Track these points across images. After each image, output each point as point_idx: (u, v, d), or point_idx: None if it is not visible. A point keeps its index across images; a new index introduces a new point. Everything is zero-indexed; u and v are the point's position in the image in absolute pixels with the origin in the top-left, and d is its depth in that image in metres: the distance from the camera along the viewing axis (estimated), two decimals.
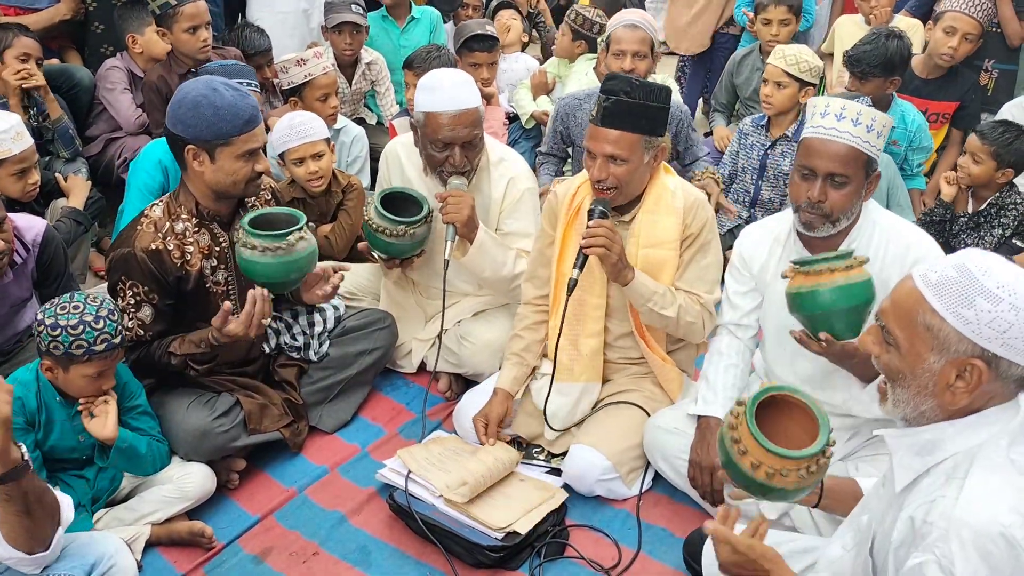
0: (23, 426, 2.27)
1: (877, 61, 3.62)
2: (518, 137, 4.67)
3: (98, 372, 2.26)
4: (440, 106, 2.73)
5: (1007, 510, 1.39)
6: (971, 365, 1.45)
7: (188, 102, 2.38)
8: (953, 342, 1.45)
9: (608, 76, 2.46)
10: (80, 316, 2.19)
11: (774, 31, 4.43)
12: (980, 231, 3.53)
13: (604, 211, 2.47)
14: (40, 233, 2.71)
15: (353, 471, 2.74)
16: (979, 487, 1.43)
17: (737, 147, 3.99)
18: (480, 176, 2.94)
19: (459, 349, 3.01)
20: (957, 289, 1.45)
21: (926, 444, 1.52)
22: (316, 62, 3.71)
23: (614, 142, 2.42)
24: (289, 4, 4.76)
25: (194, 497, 2.49)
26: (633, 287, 2.49)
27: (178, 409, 2.55)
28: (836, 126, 2.19)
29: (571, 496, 2.56)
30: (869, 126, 2.18)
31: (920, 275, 1.50)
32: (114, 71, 3.94)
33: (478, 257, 2.84)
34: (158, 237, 2.46)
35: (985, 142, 3.40)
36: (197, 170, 2.44)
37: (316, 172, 3.30)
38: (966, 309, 1.43)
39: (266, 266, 2.37)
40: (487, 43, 4.13)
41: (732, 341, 2.55)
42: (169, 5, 3.71)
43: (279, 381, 2.82)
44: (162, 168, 3.11)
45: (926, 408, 1.53)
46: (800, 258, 2.13)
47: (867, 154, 2.20)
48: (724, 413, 2.46)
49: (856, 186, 2.22)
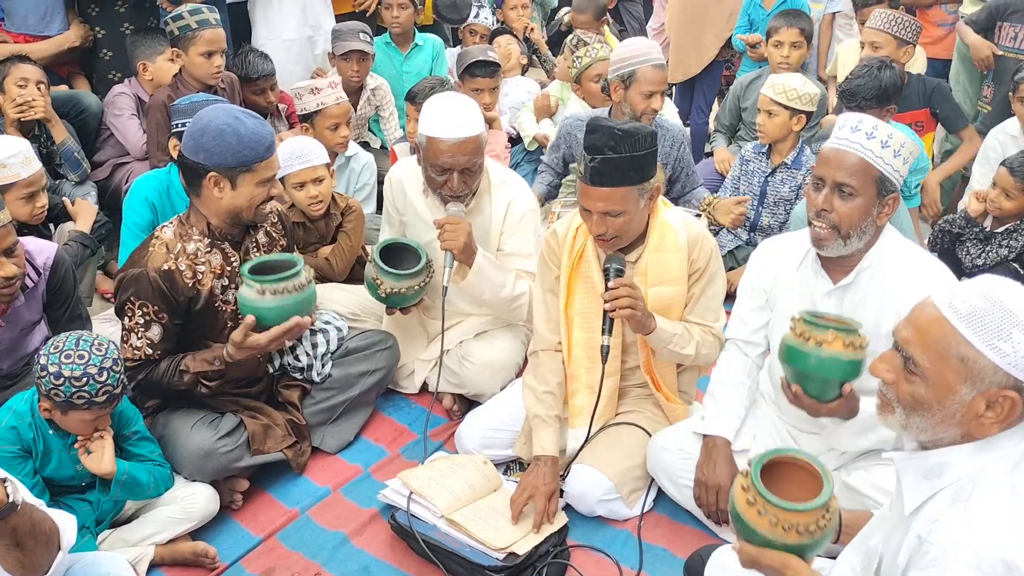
0: (19, 454, 2.27)
1: (872, 93, 3.67)
2: (520, 160, 4.71)
3: (96, 417, 2.26)
4: (442, 132, 2.76)
5: (1008, 534, 1.39)
6: (1004, 396, 1.44)
7: (212, 130, 2.42)
8: (988, 374, 1.43)
9: (589, 128, 2.37)
10: (84, 368, 2.15)
11: (785, 53, 4.47)
12: (987, 245, 3.55)
13: (620, 269, 2.43)
14: (51, 257, 2.74)
15: (355, 492, 2.75)
16: (981, 510, 1.43)
17: (739, 172, 4.03)
18: (481, 198, 2.98)
19: (461, 369, 3.03)
20: (992, 321, 1.42)
21: (934, 467, 1.52)
22: (330, 92, 3.76)
23: (606, 199, 2.37)
24: (294, 31, 4.84)
25: (198, 518, 2.50)
26: (656, 335, 2.48)
27: (182, 430, 2.57)
28: (850, 137, 2.19)
29: (572, 516, 2.57)
30: (884, 142, 2.16)
31: (947, 304, 1.47)
32: (122, 97, 4.01)
33: (477, 281, 2.87)
34: (170, 257, 2.49)
35: (1016, 178, 3.41)
36: (215, 196, 2.47)
37: (316, 196, 3.34)
38: (1003, 342, 1.41)
39: (268, 310, 2.40)
40: (489, 68, 4.19)
41: (740, 358, 2.55)
42: (189, 28, 3.78)
43: (282, 402, 2.84)
44: (149, 204, 3.15)
45: (946, 435, 1.51)
46: (811, 312, 2.08)
47: (879, 169, 2.16)
48: (730, 432, 2.47)
49: (865, 201, 2.17)
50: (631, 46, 3.72)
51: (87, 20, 4.23)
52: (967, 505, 1.45)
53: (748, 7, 5.17)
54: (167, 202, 3.16)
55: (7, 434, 2.26)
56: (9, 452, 2.25)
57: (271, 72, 4.34)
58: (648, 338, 2.51)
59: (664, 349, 2.54)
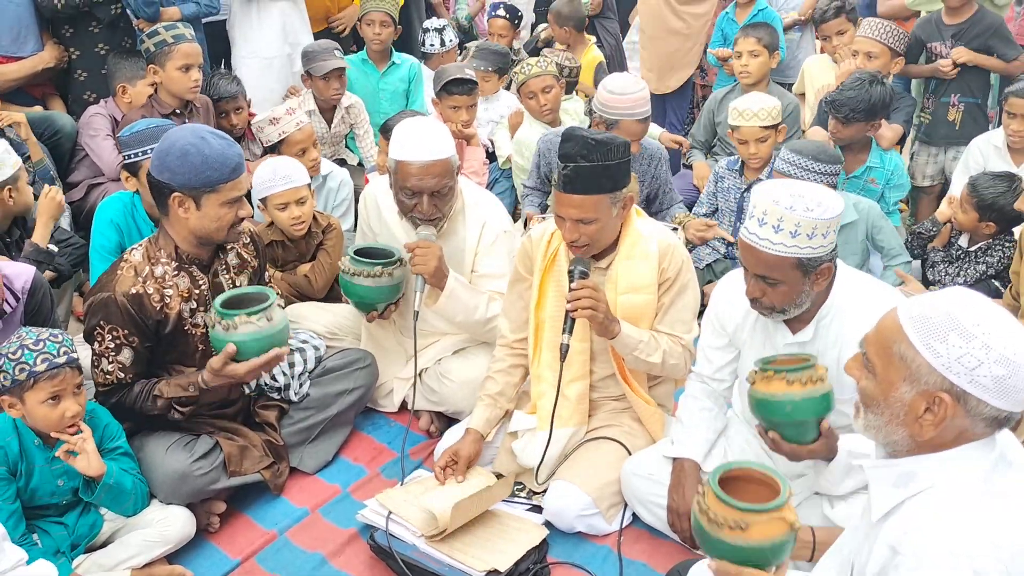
0: (6, 475, 2.28)
1: (861, 107, 3.70)
2: (498, 176, 4.72)
3: (51, 396, 2.26)
4: (410, 155, 2.76)
5: (977, 543, 1.41)
6: (939, 398, 1.47)
7: (176, 151, 2.42)
8: (924, 374, 1.48)
9: (564, 136, 2.44)
10: (20, 342, 2.26)
11: (744, 62, 4.48)
12: (965, 263, 3.59)
13: (584, 271, 2.49)
14: (29, 280, 2.74)
15: (334, 512, 2.73)
16: (950, 520, 1.45)
17: (714, 189, 4.06)
18: (455, 219, 2.98)
19: (439, 387, 3.03)
20: (934, 323, 1.47)
21: (903, 476, 1.54)
22: (288, 119, 3.73)
23: (579, 206, 2.43)
24: (273, 49, 4.83)
25: (174, 541, 2.47)
26: (620, 339, 2.51)
27: (157, 452, 2.55)
28: (759, 232, 2.09)
29: (552, 533, 2.56)
30: (794, 232, 2.05)
31: (904, 307, 1.53)
32: (97, 117, 3.99)
33: (449, 305, 2.88)
34: (138, 281, 2.48)
35: (972, 194, 3.47)
36: (181, 216, 2.47)
37: (299, 217, 3.33)
38: (939, 343, 1.46)
39: (242, 344, 2.42)
40: (466, 86, 4.19)
41: (706, 388, 2.56)
42: (165, 43, 3.79)
43: (259, 422, 2.82)
44: (115, 226, 3.14)
45: (898, 438, 1.55)
46: (764, 360, 2.07)
47: (798, 258, 2.08)
48: (699, 455, 2.47)
49: (791, 285, 2.13)
50: (621, 94, 3.58)
51: (61, 41, 4.21)
52: (936, 515, 1.47)
53: (722, 22, 5.22)
54: (132, 224, 3.16)
55: None
56: None
57: (235, 94, 4.30)
58: (613, 343, 2.54)
59: (630, 355, 2.56)
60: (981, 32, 4.22)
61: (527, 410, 2.74)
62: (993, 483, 1.48)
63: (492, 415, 2.76)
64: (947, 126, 4.41)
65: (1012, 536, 1.42)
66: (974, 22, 4.24)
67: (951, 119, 4.38)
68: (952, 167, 4.40)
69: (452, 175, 2.84)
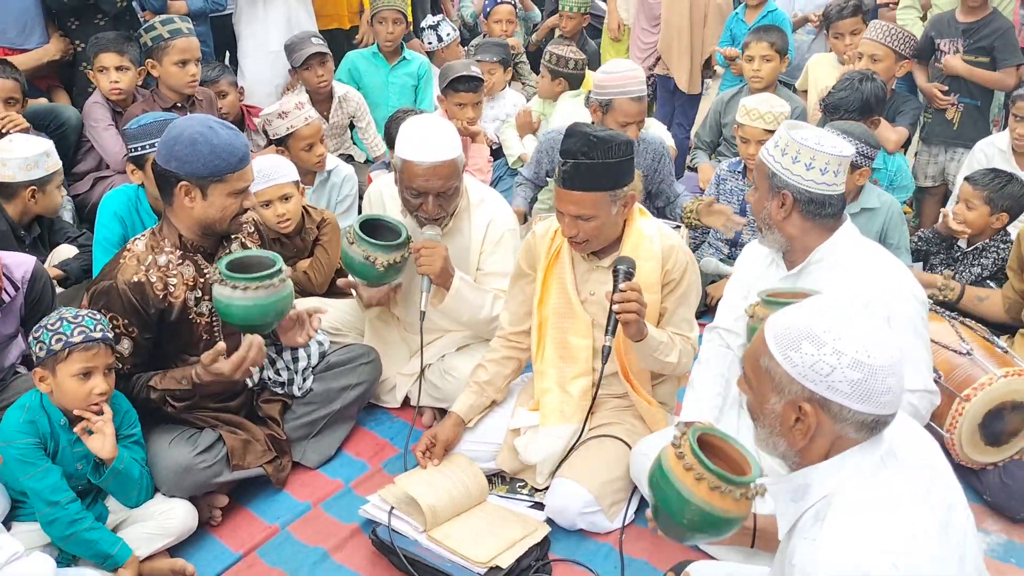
0: (39, 445, 2.32)
1: (855, 106, 3.70)
2: (503, 174, 4.72)
3: (83, 371, 2.29)
4: (417, 155, 2.75)
5: (862, 547, 1.40)
6: (802, 407, 1.49)
7: (184, 139, 2.42)
8: (785, 384, 1.50)
9: (567, 133, 2.45)
10: (59, 315, 2.32)
11: (756, 67, 4.50)
12: (960, 265, 3.59)
13: (630, 271, 2.42)
14: (29, 270, 2.73)
15: (336, 507, 2.73)
16: (838, 530, 1.44)
17: (716, 191, 4.05)
18: (460, 218, 2.98)
19: (443, 383, 3.03)
20: (789, 333, 1.49)
21: (798, 489, 1.55)
22: (298, 113, 3.72)
23: (578, 203, 2.43)
24: (279, 43, 4.82)
25: (176, 534, 2.48)
26: (646, 341, 2.49)
27: (160, 445, 2.55)
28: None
29: (554, 530, 2.57)
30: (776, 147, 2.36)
31: (770, 320, 1.55)
32: (96, 107, 3.97)
33: (454, 304, 2.88)
34: (140, 270, 2.48)
35: (977, 188, 3.47)
36: (186, 206, 2.47)
37: (284, 215, 3.29)
38: (793, 352, 1.48)
39: (243, 308, 2.40)
40: (472, 83, 4.20)
41: (721, 351, 2.59)
42: (162, 38, 3.79)
43: (262, 416, 2.82)
44: (119, 219, 3.14)
45: (783, 449, 1.57)
46: (765, 292, 2.17)
47: (768, 166, 2.36)
48: (711, 417, 2.49)
49: (761, 194, 2.38)
50: (612, 72, 3.61)
51: (67, 33, 4.21)
52: (824, 524, 1.46)
53: (731, 22, 5.24)
54: (136, 217, 3.16)
55: (26, 428, 2.33)
56: (29, 444, 2.31)
57: (215, 79, 4.31)
58: (637, 345, 2.52)
59: (650, 356, 2.55)
60: (990, 33, 4.23)
61: (530, 407, 2.75)
62: (881, 482, 1.47)
63: (476, 402, 2.77)
64: (945, 125, 4.42)
65: (900, 540, 1.40)
66: (986, 22, 4.25)
67: (949, 118, 4.39)
68: (951, 169, 4.41)
69: (458, 176, 2.83)
